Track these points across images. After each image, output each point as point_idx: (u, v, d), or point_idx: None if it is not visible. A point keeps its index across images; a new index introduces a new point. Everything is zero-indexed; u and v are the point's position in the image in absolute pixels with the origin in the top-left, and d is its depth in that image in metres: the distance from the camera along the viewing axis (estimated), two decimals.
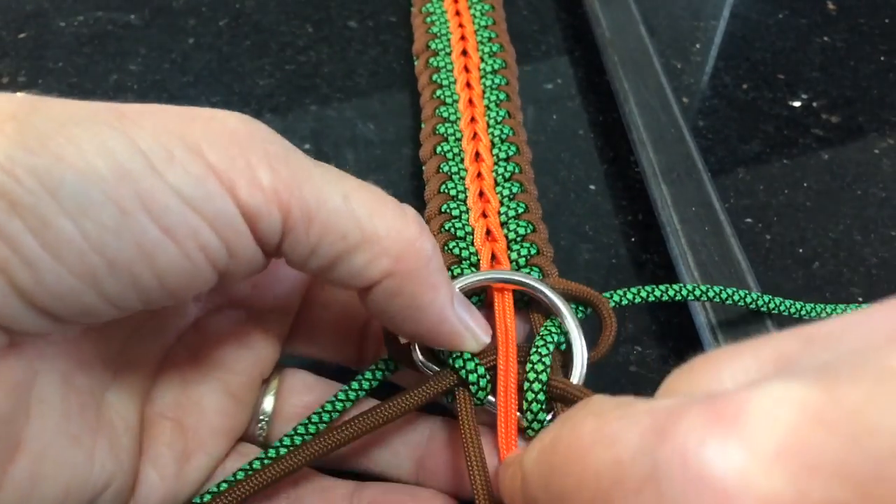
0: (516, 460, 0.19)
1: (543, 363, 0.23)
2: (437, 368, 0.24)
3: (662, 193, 0.33)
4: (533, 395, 0.23)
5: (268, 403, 0.25)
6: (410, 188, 0.36)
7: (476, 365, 0.23)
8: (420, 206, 0.35)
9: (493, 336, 0.24)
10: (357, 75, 0.41)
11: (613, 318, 0.25)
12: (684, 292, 0.27)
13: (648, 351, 0.30)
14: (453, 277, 0.26)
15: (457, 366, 0.23)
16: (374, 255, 0.20)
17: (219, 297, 0.24)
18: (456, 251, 0.27)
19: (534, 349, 0.24)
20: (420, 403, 0.23)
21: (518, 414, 0.23)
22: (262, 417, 0.25)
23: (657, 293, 0.27)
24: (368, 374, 0.24)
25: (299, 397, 0.25)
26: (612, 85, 0.38)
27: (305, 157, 0.20)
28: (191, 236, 0.17)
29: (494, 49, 0.35)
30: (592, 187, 0.36)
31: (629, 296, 0.27)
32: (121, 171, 0.16)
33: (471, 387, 0.23)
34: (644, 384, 0.29)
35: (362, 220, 0.20)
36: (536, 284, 0.25)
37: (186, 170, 0.17)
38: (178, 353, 0.24)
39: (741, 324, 0.29)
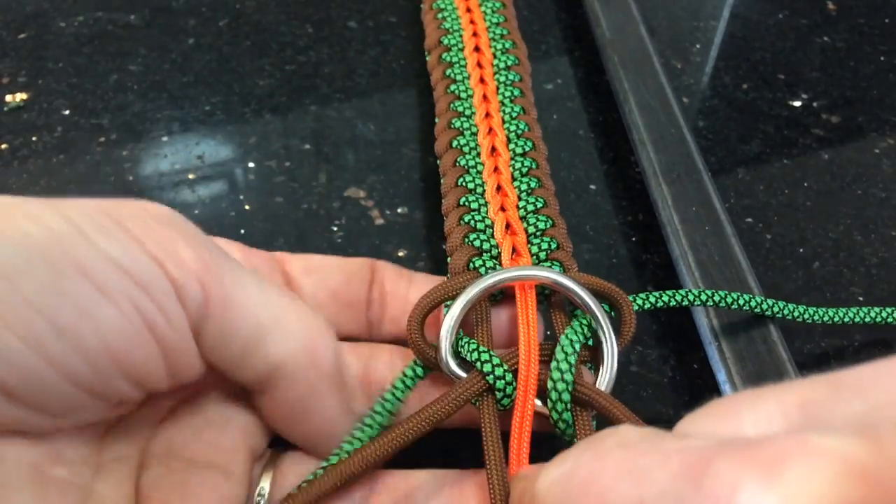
0: (529, 477, 0.18)
1: (568, 362, 0.23)
2: (462, 374, 0.24)
3: (662, 193, 0.33)
4: (557, 395, 0.23)
5: (265, 480, 0.23)
6: (410, 188, 0.36)
7: (504, 371, 0.23)
8: (421, 205, 0.35)
9: (515, 335, 0.24)
10: (357, 75, 0.41)
11: (634, 318, 0.25)
12: (703, 297, 0.27)
13: (648, 351, 0.30)
14: (476, 272, 0.26)
15: (485, 370, 0.23)
16: (283, 338, 0.20)
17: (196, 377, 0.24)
18: (477, 243, 0.27)
19: (559, 348, 0.23)
20: (451, 412, 0.23)
21: (537, 408, 0.23)
22: (258, 497, 0.23)
23: (678, 298, 0.27)
24: (399, 385, 0.24)
25: (297, 469, 0.24)
26: (612, 85, 0.38)
27: (222, 250, 0.21)
28: (127, 298, 0.18)
29: (507, 46, 0.35)
30: (592, 187, 0.36)
31: (651, 299, 0.27)
32: (53, 236, 0.17)
33: (496, 392, 0.23)
34: (644, 384, 0.29)
35: (275, 307, 0.20)
36: (570, 284, 0.24)
37: (117, 238, 0.18)
38: (163, 439, 0.22)
39: (742, 325, 0.29)
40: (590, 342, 0.24)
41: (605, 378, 0.24)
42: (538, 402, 0.24)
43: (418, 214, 0.35)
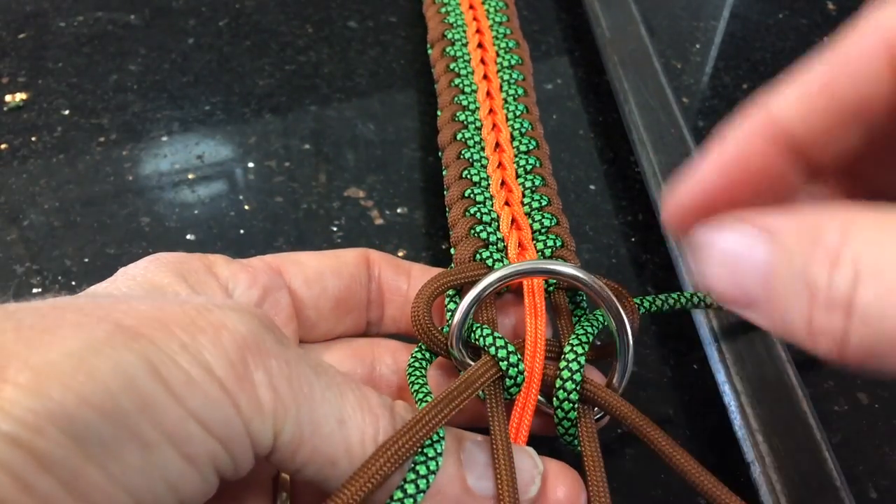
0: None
1: (578, 362, 0.23)
2: (469, 362, 0.23)
3: (662, 193, 0.33)
4: (565, 395, 0.23)
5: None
6: (410, 188, 0.36)
7: (518, 359, 0.23)
8: (420, 205, 0.35)
9: (522, 329, 0.24)
10: (357, 75, 0.41)
11: (638, 318, 0.25)
12: (708, 301, 0.27)
13: (648, 351, 0.30)
14: (483, 263, 0.26)
15: (499, 356, 0.23)
16: (352, 466, 0.19)
17: None
18: (483, 235, 0.27)
19: (569, 346, 0.23)
20: (464, 399, 0.22)
21: (540, 405, 0.23)
22: None
23: (682, 300, 0.27)
24: (416, 375, 0.23)
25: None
26: (611, 85, 0.38)
27: (308, 370, 0.19)
28: (210, 461, 0.17)
29: (511, 45, 0.36)
30: (592, 187, 0.36)
31: (658, 303, 0.27)
32: (144, 403, 0.16)
33: (507, 380, 0.23)
34: (644, 384, 0.29)
35: (353, 447, 0.19)
36: (591, 281, 0.24)
37: (206, 393, 0.17)
38: None
39: (741, 325, 0.29)
40: (596, 342, 0.25)
41: (620, 376, 0.24)
42: (541, 399, 0.24)
43: (418, 214, 0.35)
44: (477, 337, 0.24)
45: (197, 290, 0.22)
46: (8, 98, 0.39)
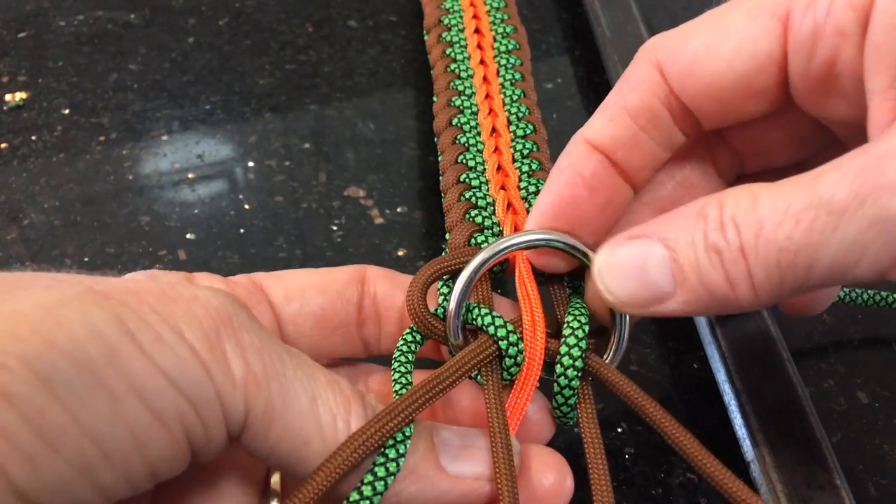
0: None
1: (580, 347, 0.23)
2: (459, 343, 0.23)
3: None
4: (566, 381, 0.22)
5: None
6: (410, 187, 0.36)
7: (517, 339, 0.23)
8: (420, 204, 0.35)
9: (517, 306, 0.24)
10: (357, 75, 0.41)
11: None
12: None
13: (648, 350, 0.30)
14: (478, 248, 0.25)
15: (499, 335, 0.23)
16: (325, 449, 0.19)
17: None
18: (479, 219, 0.27)
19: (568, 329, 0.23)
20: (459, 378, 0.22)
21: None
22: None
23: None
24: (404, 348, 0.23)
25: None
26: (611, 84, 0.38)
27: (280, 348, 0.20)
28: (179, 420, 0.17)
29: (508, 30, 0.36)
30: None
31: None
32: (111, 353, 0.16)
33: (506, 360, 0.23)
34: (644, 384, 0.29)
35: (326, 427, 0.19)
36: (586, 249, 0.23)
37: (175, 352, 0.17)
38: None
39: (741, 325, 0.29)
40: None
41: (616, 350, 0.23)
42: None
43: (418, 213, 0.35)
44: (475, 317, 0.23)
45: None
46: (8, 97, 0.39)
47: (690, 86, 0.22)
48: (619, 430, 0.28)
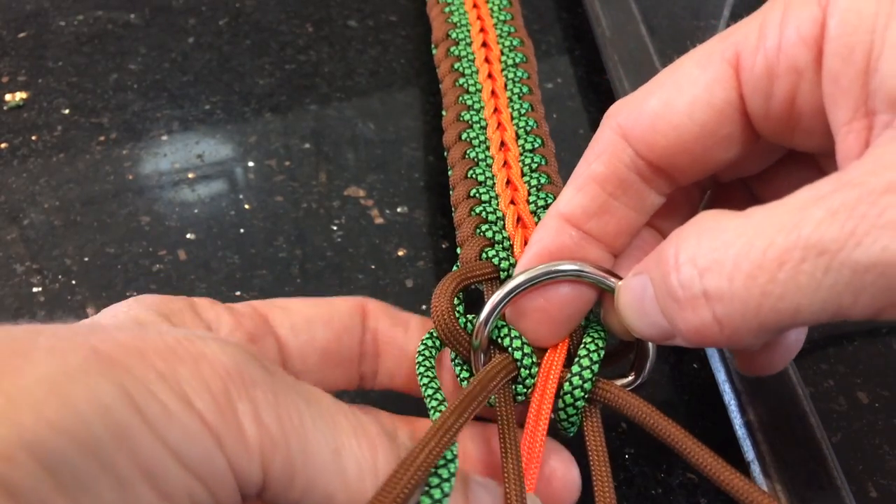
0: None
1: (592, 370, 0.23)
2: (482, 347, 0.24)
3: None
4: (572, 400, 0.23)
5: None
6: (410, 187, 0.36)
7: (532, 363, 0.23)
8: (420, 204, 0.35)
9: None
10: (357, 75, 0.41)
11: None
12: None
13: None
14: (500, 278, 0.26)
15: (515, 357, 0.23)
16: (350, 501, 0.18)
17: None
18: (489, 234, 0.27)
19: (583, 349, 0.23)
20: (490, 393, 0.22)
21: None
22: None
23: None
24: (427, 364, 0.23)
25: None
26: (612, 84, 0.38)
27: (297, 397, 0.18)
28: (188, 497, 0.16)
29: (515, 43, 0.36)
30: None
31: None
32: (119, 433, 0.15)
33: (520, 373, 0.23)
34: (644, 384, 0.29)
35: (351, 479, 0.18)
36: (607, 279, 0.23)
37: (183, 425, 0.16)
38: None
39: None
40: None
41: (641, 373, 0.24)
42: None
43: (418, 214, 0.35)
44: (502, 336, 0.24)
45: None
46: (8, 97, 0.39)
47: (656, 145, 0.22)
48: (620, 429, 0.28)
